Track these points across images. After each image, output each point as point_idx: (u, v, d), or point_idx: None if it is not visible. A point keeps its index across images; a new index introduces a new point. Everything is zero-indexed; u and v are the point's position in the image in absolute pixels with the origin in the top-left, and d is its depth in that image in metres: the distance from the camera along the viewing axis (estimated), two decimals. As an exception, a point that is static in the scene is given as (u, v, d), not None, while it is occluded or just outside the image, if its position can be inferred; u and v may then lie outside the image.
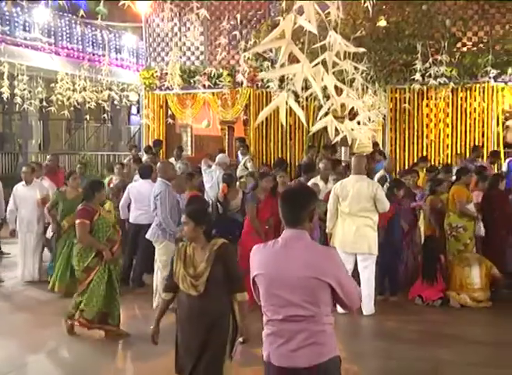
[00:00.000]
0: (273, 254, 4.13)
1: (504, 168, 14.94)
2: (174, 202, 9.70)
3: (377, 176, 12.74)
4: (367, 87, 12.87)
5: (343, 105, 3.08)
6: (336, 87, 2.77)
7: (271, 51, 14.19)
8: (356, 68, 3.38)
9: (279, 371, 4.10)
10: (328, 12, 2.84)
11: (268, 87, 13.73)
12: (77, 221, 8.43)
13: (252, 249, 4.31)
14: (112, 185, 12.93)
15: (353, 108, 4.52)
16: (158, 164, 10.43)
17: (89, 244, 8.37)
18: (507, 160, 15.30)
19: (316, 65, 2.29)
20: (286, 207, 4.14)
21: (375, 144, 16.62)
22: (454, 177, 11.88)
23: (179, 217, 8.91)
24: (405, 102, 16.07)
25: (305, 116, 2.97)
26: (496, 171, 14.29)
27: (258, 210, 9.96)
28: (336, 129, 2.83)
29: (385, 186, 11.06)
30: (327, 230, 10.11)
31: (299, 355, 4.01)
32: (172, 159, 15.05)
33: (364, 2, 4.44)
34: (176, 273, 5.56)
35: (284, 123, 2.43)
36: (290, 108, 2.40)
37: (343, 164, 14.33)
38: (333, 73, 3.27)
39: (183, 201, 10.17)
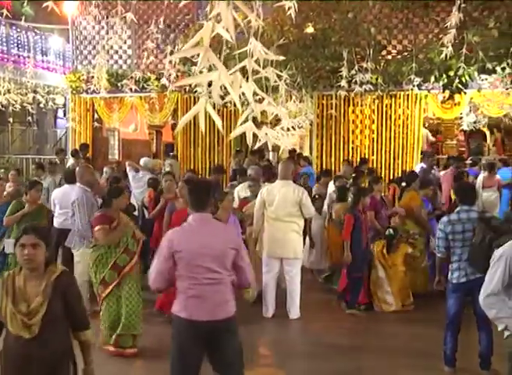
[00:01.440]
0: (192, 233, 5.23)
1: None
2: (93, 208, 9.45)
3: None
4: (291, 94, 12.98)
5: (263, 112, 3.09)
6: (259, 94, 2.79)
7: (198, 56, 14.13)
8: (279, 75, 3.41)
9: (202, 325, 5.12)
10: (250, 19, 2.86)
11: (195, 91, 13.68)
12: (96, 228, 7.93)
13: (167, 234, 5.35)
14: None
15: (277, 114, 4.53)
16: (77, 169, 10.22)
17: (110, 240, 7.87)
18: (418, 166, 15.65)
19: (235, 72, 2.30)
20: (194, 195, 5.34)
21: (293, 151, 16.73)
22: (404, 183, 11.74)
23: None
24: (331, 108, 16.30)
25: (235, 122, 2.99)
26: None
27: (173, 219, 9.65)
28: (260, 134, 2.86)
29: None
30: (253, 235, 10.10)
31: (218, 310, 5.19)
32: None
33: (288, 9, 4.47)
34: (2, 311, 4.41)
35: (203, 129, 2.44)
36: (222, 113, 2.42)
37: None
38: (259, 79, 3.29)
39: None
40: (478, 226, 7.17)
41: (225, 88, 2.35)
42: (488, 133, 22.35)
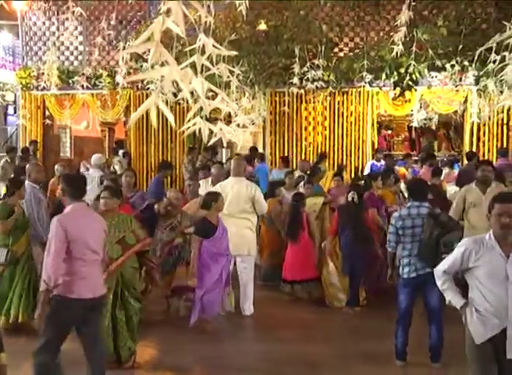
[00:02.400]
0: (79, 218, 5.91)
1: (367, 170, 15.43)
2: (41, 204, 9.31)
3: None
4: (244, 91, 12.99)
5: (216, 109, 3.11)
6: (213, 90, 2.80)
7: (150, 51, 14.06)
8: (231, 71, 3.42)
9: (87, 302, 5.82)
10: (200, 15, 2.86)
11: (148, 88, 13.62)
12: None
13: (59, 220, 5.77)
14: None
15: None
16: (27, 166, 10.04)
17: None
18: (369, 163, 15.82)
19: (186, 67, 2.31)
20: (73, 186, 6.04)
21: (254, 148, 16.76)
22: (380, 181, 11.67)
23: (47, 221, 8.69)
24: (284, 105, 16.36)
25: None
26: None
27: None
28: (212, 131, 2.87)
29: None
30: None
31: (100, 287, 6.02)
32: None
33: (239, 6, 4.48)
34: None
35: (155, 125, 2.44)
36: (175, 110, 2.42)
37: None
38: (212, 76, 3.30)
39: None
40: (426, 221, 7.28)
41: (178, 84, 2.36)
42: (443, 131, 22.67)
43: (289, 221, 10.62)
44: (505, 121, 15.50)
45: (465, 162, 14.90)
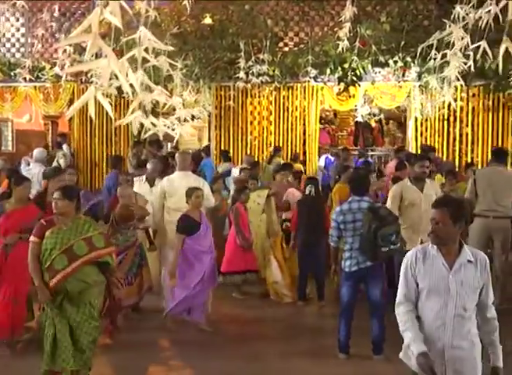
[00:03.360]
0: None
1: (322, 163, 15.56)
2: None
3: None
4: (188, 84, 12.94)
5: (158, 102, 3.10)
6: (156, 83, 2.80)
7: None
8: (172, 65, 3.42)
9: None
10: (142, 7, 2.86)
11: (92, 82, 13.46)
12: None
13: None
14: None
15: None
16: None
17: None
18: (324, 156, 15.96)
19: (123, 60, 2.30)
20: None
21: (205, 147, 16.74)
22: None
23: None
24: (230, 100, 16.36)
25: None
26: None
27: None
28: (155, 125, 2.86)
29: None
30: (152, 227, 9.92)
31: None
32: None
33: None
34: None
35: (93, 117, 2.43)
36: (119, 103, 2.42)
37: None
38: (154, 69, 3.29)
39: None
40: (365, 215, 7.38)
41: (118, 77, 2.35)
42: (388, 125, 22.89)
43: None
44: (445, 117, 15.77)
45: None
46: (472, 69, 5.63)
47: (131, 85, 2.46)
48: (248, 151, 16.48)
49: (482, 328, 4.51)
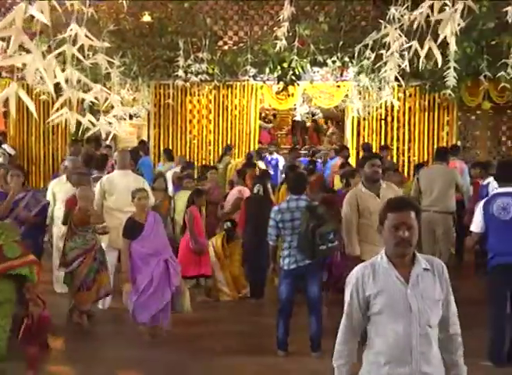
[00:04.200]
0: None
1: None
2: None
3: None
4: (126, 82, 12.83)
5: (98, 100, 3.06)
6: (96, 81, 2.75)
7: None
8: (110, 62, 3.37)
9: None
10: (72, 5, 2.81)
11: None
12: None
13: None
14: None
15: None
16: None
17: None
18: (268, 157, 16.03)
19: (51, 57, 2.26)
20: None
21: (142, 141, 16.57)
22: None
23: None
24: (169, 98, 16.28)
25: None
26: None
27: None
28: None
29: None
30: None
31: None
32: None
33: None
34: None
35: (14, 115, 2.38)
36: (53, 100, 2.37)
37: None
38: (92, 66, 3.23)
39: None
40: (303, 214, 7.43)
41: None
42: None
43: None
44: (383, 116, 15.99)
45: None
46: (408, 69, 5.70)
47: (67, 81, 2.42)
48: (187, 150, 16.45)
49: (444, 347, 3.83)
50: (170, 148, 16.36)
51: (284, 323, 7.71)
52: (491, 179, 9.91)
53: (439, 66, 4.65)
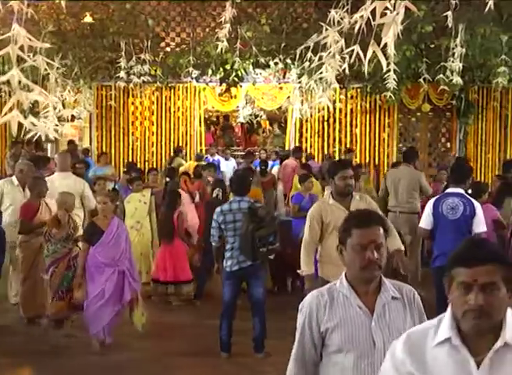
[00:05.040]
0: None
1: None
2: None
3: None
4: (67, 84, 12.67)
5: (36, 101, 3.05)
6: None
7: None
8: (49, 64, 3.36)
9: None
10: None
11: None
12: None
13: None
14: None
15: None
16: None
17: None
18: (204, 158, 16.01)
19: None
20: None
21: (71, 142, 16.13)
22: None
23: None
24: (111, 99, 16.15)
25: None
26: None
27: None
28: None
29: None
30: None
31: None
32: None
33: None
34: None
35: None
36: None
37: None
38: (32, 68, 3.22)
39: None
40: (244, 216, 7.48)
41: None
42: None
43: (162, 221, 10.45)
44: (325, 118, 16.16)
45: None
46: (347, 71, 5.79)
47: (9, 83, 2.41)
48: (130, 152, 16.36)
49: None
50: (112, 150, 16.26)
51: (227, 324, 7.73)
52: None
53: (384, 69, 4.74)
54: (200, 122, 16.80)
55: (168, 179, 12.12)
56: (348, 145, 16.29)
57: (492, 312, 2.31)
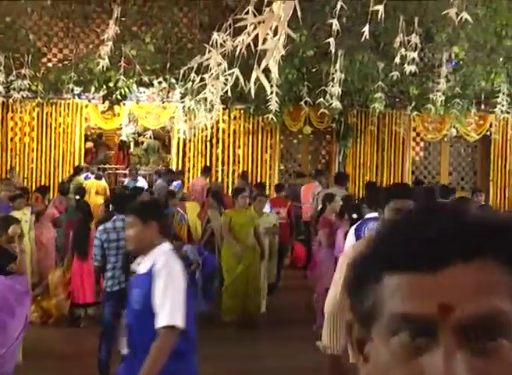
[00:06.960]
0: None
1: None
2: None
3: None
4: None
5: None
6: None
7: None
8: None
9: None
10: None
11: None
12: None
13: None
14: None
15: None
16: None
17: None
18: (84, 175, 15.75)
19: None
20: None
21: None
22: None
23: None
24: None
25: None
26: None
27: None
28: None
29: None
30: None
31: None
32: None
33: None
34: None
35: None
36: None
37: None
38: None
39: None
40: None
41: None
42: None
43: (76, 236, 9.78)
44: (208, 138, 16.27)
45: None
46: (229, 93, 5.88)
47: None
48: (8, 168, 15.89)
49: None
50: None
51: (106, 345, 7.60)
52: None
53: (268, 92, 4.83)
54: (80, 139, 16.54)
55: (77, 197, 11.83)
56: (231, 166, 16.44)
57: None
